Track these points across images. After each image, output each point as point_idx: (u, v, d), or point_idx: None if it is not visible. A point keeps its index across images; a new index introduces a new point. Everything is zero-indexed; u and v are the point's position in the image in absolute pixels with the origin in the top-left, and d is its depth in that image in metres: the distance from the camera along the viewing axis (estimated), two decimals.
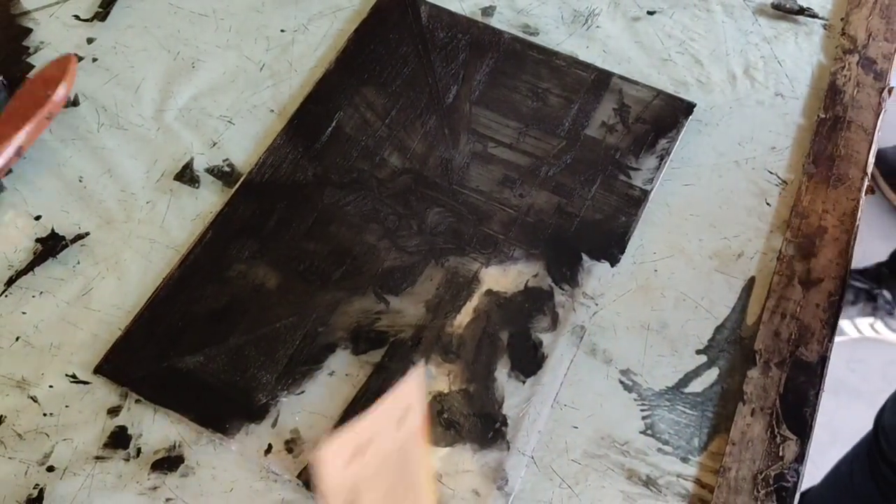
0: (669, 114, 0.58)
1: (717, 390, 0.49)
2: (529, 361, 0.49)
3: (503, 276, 0.52)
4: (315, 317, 0.50)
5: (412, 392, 0.39)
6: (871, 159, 0.58)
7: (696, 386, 0.49)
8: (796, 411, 0.48)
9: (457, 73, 0.60)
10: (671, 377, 0.50)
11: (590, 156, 0.57)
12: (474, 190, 0.55)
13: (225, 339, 0.49)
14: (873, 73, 0.62)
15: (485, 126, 0.58)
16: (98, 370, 0.48)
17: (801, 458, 0.47)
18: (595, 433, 0.47)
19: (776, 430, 0.48)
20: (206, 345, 0.49)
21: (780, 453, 0.47)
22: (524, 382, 0.48)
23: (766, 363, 0.50)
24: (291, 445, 0.46)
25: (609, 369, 0.50)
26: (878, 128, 0.59)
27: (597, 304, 0.51)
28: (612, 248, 0.53)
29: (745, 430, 0.47)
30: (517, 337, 0.50)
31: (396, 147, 0.57)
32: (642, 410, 0.48)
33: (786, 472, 0.46)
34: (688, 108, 0.58)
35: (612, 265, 0.52)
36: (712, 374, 0.50)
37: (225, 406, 0.47)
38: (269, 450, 0.46)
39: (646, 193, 0.55)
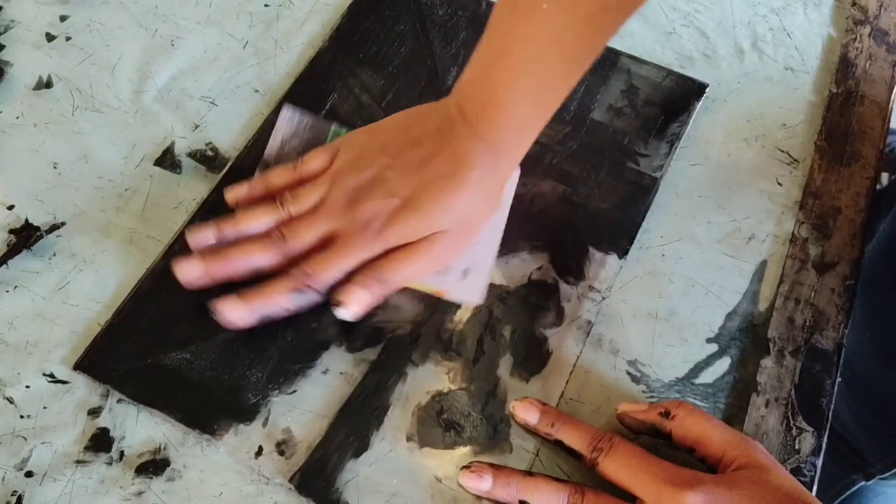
0: (680, 96, 0.55)
1: (730, 381, 0.47)
2: (534, 359, 0.47)
3: (506, 269, 0.49)
4: (307, 311, 0.47)
5: None
6: (886, 135, 0.56)
7: (707, 376, 0.47)
8: (812, 402, 0.46)
9: (457, 52, 0.57)
10: (681, 367, 0.47)
11: (596, 141, 0.54)
12: None
13: (212, 335, 0.46)
14: (886, 44, 0.59)
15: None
16: (78, 367, 0.46)
17: (818, 450, 0.45)
18: (603, 427, 0.45)
19: (791, 422, 0.45)
20: (192, 341, 0.46)
21: (797, 446, 0.45)
22: (528, 381, 0.46)
23: (780, 351, 0.47)
24: (283, 447, 0.44)
25: (616, 360, 0.47)
26: (892, 102, 0.57)
27: (604, 298, 0.49)
28: (620, 239, 0.50)
29: (759, 422, 0.45)
30: (520, 333, 0.47)
31: None
32: (651, 402, 0.46)
33: (802, 465, 0.44)
34: (699, 89, 0.56)
35: (621, 257, 0.50)
36: (724, 364, 0.47)
37: (213, 406, 0.45)
38: (259, 452, 0.44)
39: (655, 181, 0.52)
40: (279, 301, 0.45)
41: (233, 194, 0.50)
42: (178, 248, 0.49)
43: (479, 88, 0.47)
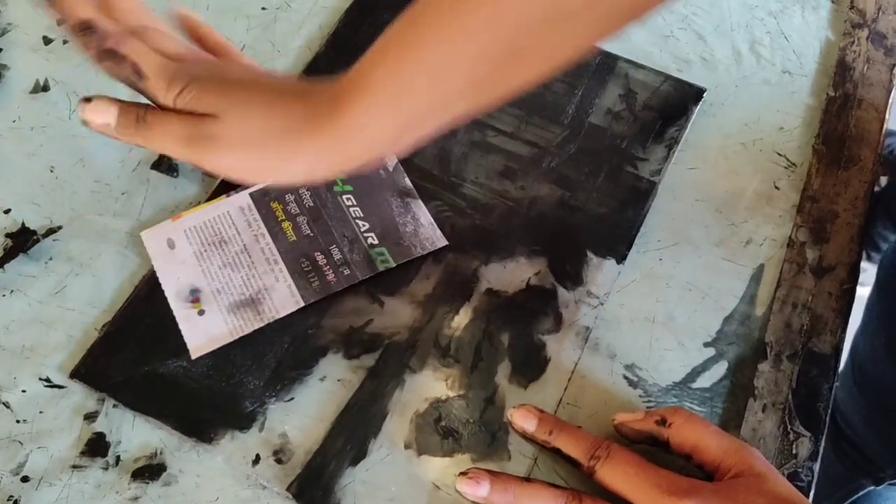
0: (678, 100, 0.55)
1: (727, 385, 0.47)
2: (532, 365, 0.46)
3: (504, 275, 0.49)
4: (305, 318, 0.47)
5: None
6: (883, 139, 0.56)
7: (705, 381, 0.47)
8: (809, 406, 0.46)
9: None
10: (678, 372, 0.47)
11: (594, 145, 0.54)
12: (473, 182, 0.52)
13: None
14: (884, 48, 0.59)
15: (484, 114, 0.55)
16: (74, 374, 0.46)
17: (815, 455, 0.45)
18: (600, 433, 0.45)
19: (789, 427, 0.45)
20: (188, 349, 0.46)
21: (794, 451, 0.45)
22: (526, 387, 0.46)
23: (778, 356, 0.47)
24: (281, 455, 0.44)
25: (613, 365, 0.47)
26: (889, 106, 0.57)
27: (602, 303, 0.49)
28: (618, 243, 0.50)
29: (756, 426, 0.45)
30: (519, 339, 0.47)
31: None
32: (649, 407, 0.46)
33: (800, 470, 0.44)
34: (697, 93, 0.56)
35: (619, 262, 0.50)
36: (721, 368, 0.47)
37: (210, 413, 0.45)
38: (257, 460, 0.44)
39: (653, 185, 0.52)
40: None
41: None
42: None
43: (368, 65, 0.38)
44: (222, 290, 0.48)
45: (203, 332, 0.46)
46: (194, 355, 0.46)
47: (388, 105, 0.37)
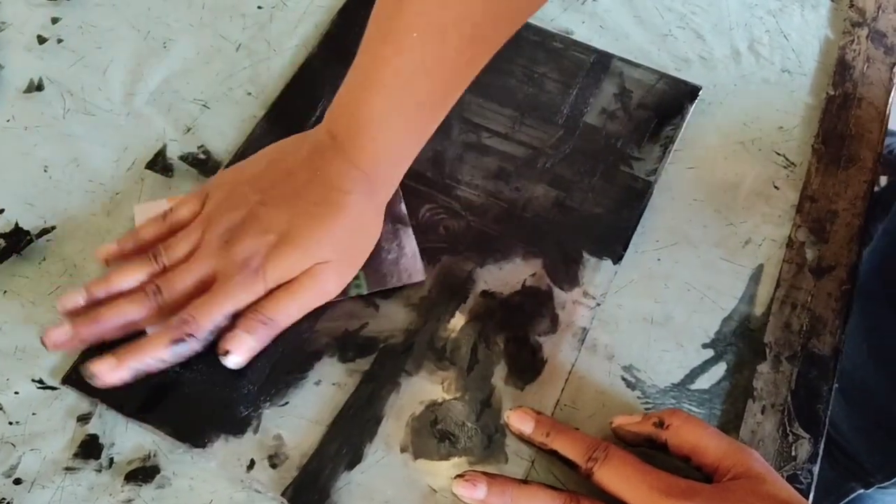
0: (673, 98, 0.55)
1: (726, 386, 0.47)
2: (528, 367, 0.46)
3: (499, 276, 0.49)
4: (299, 322, 0.47)
5: None
6: (883, 138, 0.55)
7: (703, 382, 0.47)
8: (809, 408, 0.46)
9: None
10: (676, 373, 0.47)
11: (590, 145, 0.53)
12: (468, 183, 0.52)
13: None
14: (884, 47, 0.59)
15: (478, 114, 0.54)
16: (66, 381, 0.45)
17: (814, 457, 0.44)
18: (598, 434, 0.44)
19: (788, 429, 0.45)
20: None
21: (793, 453, 0.44)
22: (523, 389, 0.45)
23: (777, 357, 0.47)
24: (275, 460, 0.43)
25: (611, 366, 0.47)
26: (889, 105, 0.56)
27: (599, 304, 0.48)
28: (614, 244, 0.50)
29: (755, 428, 0.45)
30: (515, 341, 0.47)
31: None
32: (647, 409, 0.46)
33: (799, 472, 0.44)
34: (692, 92, 0.55)
35: (615, 262, 0.49)
36: (720, 370, 0.47)
37: (203, 418, 0.44)
38: (251, 465, 0.43)
39: (649, 185, 0.52)
40: (156, 353, 0.43)
41: (103, 252, 0.47)
42: None
43: (350, 115, 0.46)
44: None
45: None
46: None
47: (389, 130, 0.46)
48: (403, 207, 0.51)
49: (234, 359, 0.43)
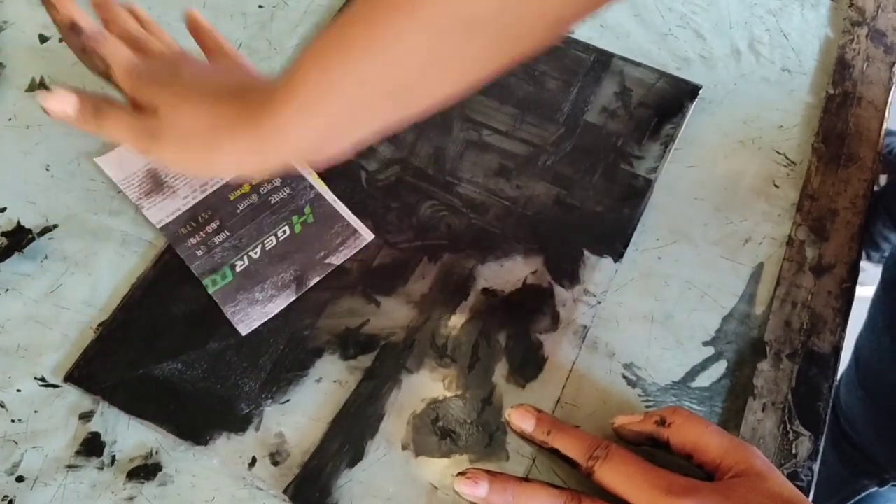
0: (673, 97, 0.55)
1: (726, 384, 0.47)
2: (529, 364, 0.46)
3: (500, 274, 0.49)
4: (300, 320, 0.47)
5: None
6: (883, 137, 0.55)
7: (704, 380, 0.47)
8: (809, 406, 0.46)
9: None
10: (677, 371, 0.47)
11: (590, 143, 0.54)
12: (469, 181, 0.52)
13: (204, 344, 0.46)
14: (883, 46, 0.59)
15: (479, 112, 0.55)
16: (68, 378, 0.45)
17: (814, 455, 0.44)
18: (598, 432, 0.45)
19: (788, 426, 0.45)
20: (183, 350, 0.46)
21: (794, 450, 0.45)
22: (524, 387, 0.46)
23: (777, 355, 0.47)
24: (277, 457, 0.43)
25: (612, 364, 0.47)
26: (889, 104, 0.56)
27: (599, 302, 0.48)
28: (614, 241, 0.50)
29: (755, 426, 0.45)
30: (516, 338, 0.47)
31: (385, 136, 0.53)
32: (647, 407, 0.46)
33: (799, 470, 0.44)
34: (693, 91, 0.55)
35: (616, 260, 0.49)
36: (720, 368, 0.47)
37: (205, 416, 0.44)
38: (253, 462, 0.43)
39: (650, 183, 0.52)
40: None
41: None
42: (170, 254, 0.49)
43: (298, 65, 0.38)
44: None
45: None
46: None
47: (312, 109, 0.38)
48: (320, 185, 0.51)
49: (47, 102, 0.43)
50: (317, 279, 0.48)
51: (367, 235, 0.49)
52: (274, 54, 0.58)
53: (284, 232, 0.50)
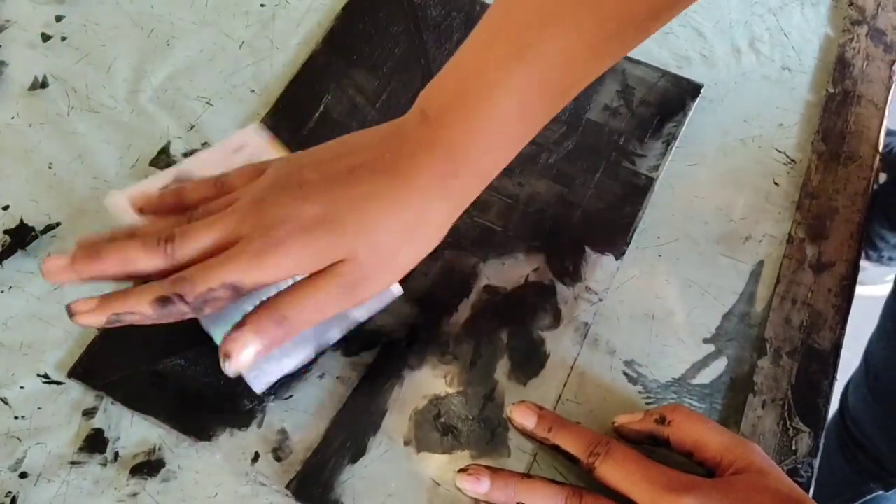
0: (675, 96, 0.55)
1: (726, 381, 0.47)
2: (531, 362, 0.46)
3: (502, 271, 0.49)
4: None
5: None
6: (882, 135, 0.56)
7: (704, 377, 0.47)
8: (809, 403, 0.46)
9: (451, 54, 0.57)
10: (677, 368, 0.47)
11: (592, 141, 0.54)
12: None
13: (207, 341, 0.46)
14: (883, 44, 0.59)
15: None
16: (72, 374, 0.45)
17: (814, 451, 0.45)
18: (599, 429, 0.45)
19: (788, 423, 0.45)
20: (186, 347, 0.46)
21: (793, 447, 0.45)
22: (525, 384, 0.46)
23: (777, 352, 0.47)
24: (280, 453, 0.44)
25: (613, 361, 0.47)
26: (889, 102, 0.57)
27: (601, 299, 0.49)
28: (616, 239, 0.50)
29: (755, 422, 0.45)
30: (518, 335, 0.47)
31: None
32: (648, 403, 0.46)
33: (799, 466, 0.44)
34: (694, 89, 0.56)
35: (617, 258, 0.50)
36: (720, 365, 0.47)
37: (208, 412, 0.44)
38: (256, 458, 0.43)
39: (651, 181, 0.52)
40: (139, 307, 0.37)
41: (140, 200, 0.43)
42: None
43: (451, 86, 0.40)
44: None
45: None
46: None
47: (498, 104, 0.39)
48: None
49: (231, 365, 0.37)
50: (339, 335, 0.44)
51: (397, 290, 0.44)
52: (276, 53, 0.58)
53: None
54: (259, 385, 0.43)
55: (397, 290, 0.44)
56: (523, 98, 0.39)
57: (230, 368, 0.37)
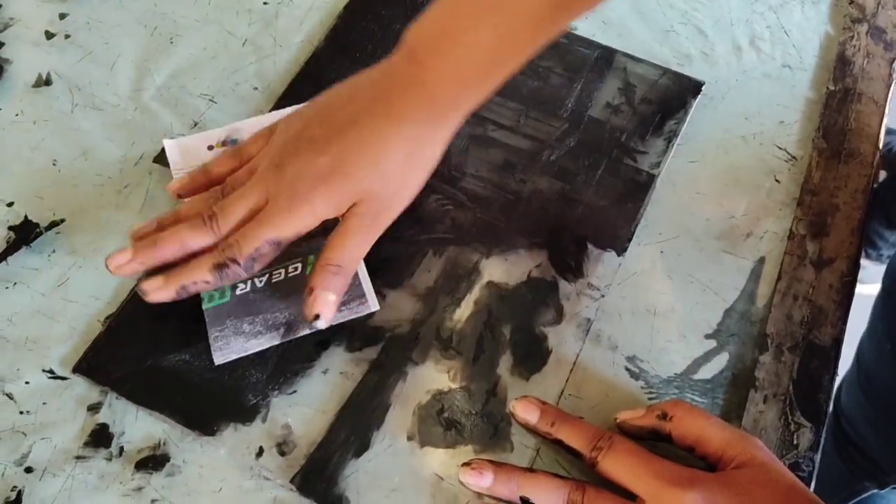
0: (676, 93, 0.56)
1: (728, 376, 0.47)
2: (533, 357, 0.47)
3: (505, 267, 0.49)
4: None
5: None
6: (883, 133, 0.56)
7: (706, 372, 0.47)
8: (810, 398, 0.46)
9: None
10: (679, 363, 0.47)
11: (594, 139, 0.54)
12: (474, 175, 0.53)
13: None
14: (883, 42, 0.59)
15: (484, 108, 0.55)
16: (77, 369, 0.46)
17: (816, 446, 0.45)
18: (601, 423, 0.45)
19: (790, 418, 0.46)
20: (191, 342, 0.46)
21: (795, 441, 0.45)
22: (528, 379, 0.46)
23: (779, 347, 0.48)
24: (284, 448, 0.44)
25: (615, 356, 0.47)
26: (889, 100, 0.57)
27: (603, 295, 0.49)
28: (618, 236, 0.50)
29: (757, 417, 0.46)
30: (520, 331, 0.47)
31: None
32: (650, 399, 0.46)
33: (800, 460, 0.45)
34: (696, 87, 0.56)
35: (619, 254, 0.50)
36: (722, 360, 0.48)
37: (212, 407, 0.45)
38: (260, 453, 0.44)
39: (653, 178, 0.52)
40: (200, 276, 0.43)
41: (175, 186, 0.49)
42: None
43: (435, 21, 0.45)
44: None
45: None
46: None
47: (474, 45, 0.44)
48: None
49: (323, 321, 0.43)
50: (306, 332, 0.46)
51: (373, 305, 0.47)
52: (279, 50, 0.58)
53: (296, 268, 0.49)
54: (220, 357, 0.46)
55: (374, 306, 0.47)
56: (497, 31, 0.44)
57: (323, 323, 0.43)
